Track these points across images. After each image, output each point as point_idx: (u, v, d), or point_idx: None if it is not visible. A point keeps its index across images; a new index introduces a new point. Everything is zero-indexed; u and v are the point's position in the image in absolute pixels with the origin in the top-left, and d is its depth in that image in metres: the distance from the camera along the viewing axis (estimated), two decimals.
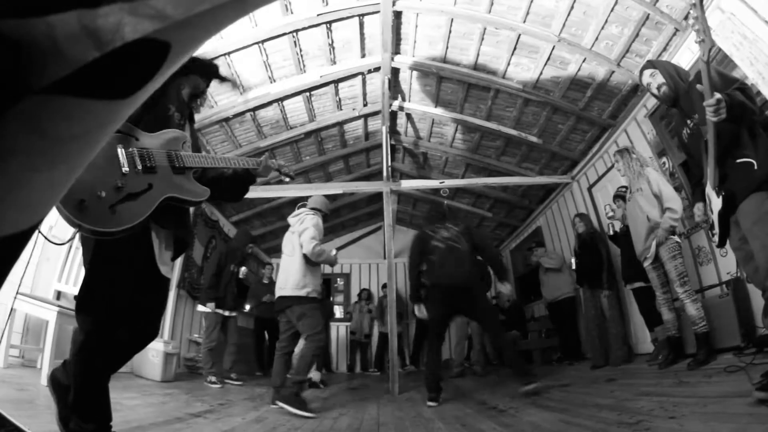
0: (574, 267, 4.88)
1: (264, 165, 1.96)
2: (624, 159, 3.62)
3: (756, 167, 1.83)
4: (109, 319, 1.49)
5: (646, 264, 3.47)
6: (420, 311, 3.73)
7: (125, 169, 1.44)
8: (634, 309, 4.60)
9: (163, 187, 1.53)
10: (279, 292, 3.35)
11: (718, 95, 1.79)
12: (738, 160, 1.89)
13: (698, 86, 1.92)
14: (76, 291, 3.33)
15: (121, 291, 1.51)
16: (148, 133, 1.58)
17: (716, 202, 1.98)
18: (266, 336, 7.22)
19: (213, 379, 4.39)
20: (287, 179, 2.23)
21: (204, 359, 4.57)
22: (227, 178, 1.92)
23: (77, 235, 1.52)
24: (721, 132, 1.90)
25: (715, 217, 2.02)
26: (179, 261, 5.71)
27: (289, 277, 3.32)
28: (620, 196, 4.12)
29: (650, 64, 2.34)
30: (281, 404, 2.84)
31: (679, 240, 3.31)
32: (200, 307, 4.81)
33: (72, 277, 3.78)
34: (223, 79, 2.10)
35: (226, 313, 4.90)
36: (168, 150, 1.60)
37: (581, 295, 5.04)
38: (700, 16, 1.81)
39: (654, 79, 2.28)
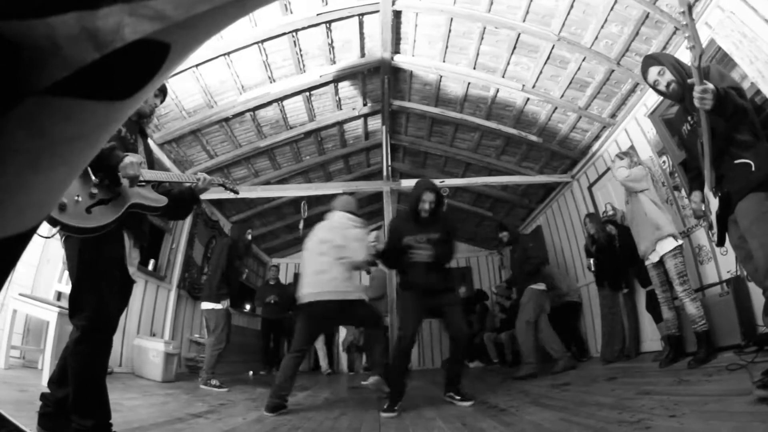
0: (593, 269, 4.83)
1: (207, 181, 2.14)
2: (629, 159, 3.67)
3: (754, 168, 1.84)
4: (102, 317, 1.69)
5: (647, 263, 3.49)
6: None
7: (95, 179, 1.68)
8: (642, 307, 4.60)
9: (128, 196, 1.80)
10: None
11: (708, 85, 1.79)
12: (736, 161, 1.90)
13: (689, 80, 1.91)
14: None
15: (108, 290, 1.72)
16: None
17: (714, 203, 1.99)
18: (271, 336, 7.26)
19: (216, 382, 4.14)
20: (232, 194, 2.49)
21: (210, 361, 4.29)
22: (173, 197, 2.06)
23: (63, 240, 1.74)
24: (717, 133, 1.90)
25: (713, 217, 2.03)
26: (179, 261, 5.72)
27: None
28: (611, 222, 4.55)
29: (655, 61, 2.28)
30: None
31: (679, 243, 3.32)
32: (207, 305, 4.50)
33: None
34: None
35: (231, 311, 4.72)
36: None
37: (599, 294, 5.04)
38: (689, 24, 1.81)
39: (663, 77, 2.22)
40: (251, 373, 6.52)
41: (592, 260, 4.86)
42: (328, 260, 3.15)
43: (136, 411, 2.59)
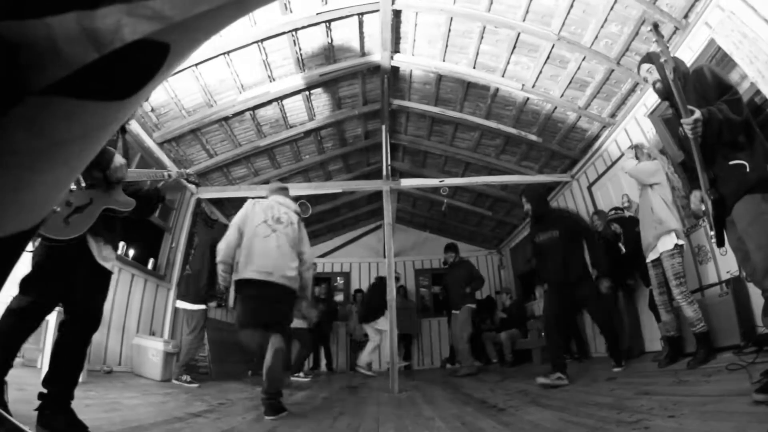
0: None
1: (173, 178, 2.23)
2: (641, 153, 3.70)
3: (748, 169, 1.83)
4: (42, 300, 1.81)
5: (647, 261, 3.50)
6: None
7: (72, 186, 1.71)
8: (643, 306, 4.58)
9: (101, 201, 1.87)
10: None
11: (696, 115, 1.82)
12: (730, 162, 1.89)
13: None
14: None
15: (54, 280, 1.81)
16: None
17: (710, 205, 1.99)
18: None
19: (188, 377, 4.22)
20: (192, 186, 2.42)
21: (186, 358, 4.38)
22: (140, 196, 2.13)
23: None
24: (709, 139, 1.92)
25: (711, 219, 2.03)
26: (178, 260, 5.70)
27: None
28: (618, 220, 4.52)
29: (648, 59, 2.34)
30: None
31: (681, 242, 3.31)
32: (187, 305, 4.61)
33: None
34: None
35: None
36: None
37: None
38: (659, 41, 1.89)
39: (651, 75, 2.29)
40: (250, 372, 6.51)
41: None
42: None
43: (135, 410, 2.60)
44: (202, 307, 4.60)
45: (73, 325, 1.89)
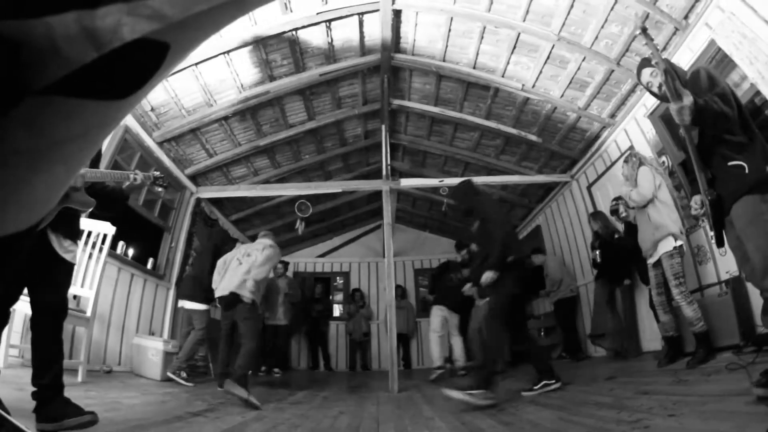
0: (599, 260, 4.86)
1: (140, 180, 2.26)
2: (631, 164, 3.67)
3: (747, 171, 1.84)
4: (8, 290, 1.87)
5: (648, 262, 3.51)
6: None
7: None
8: (643, 306, 4.58)
9: (60, 201, 1.86)
10: None
11: (684, 102, 1.82)
12: (729, 163, 1.90)
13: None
14: (77, 291, 3.37)
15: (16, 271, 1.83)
16: None
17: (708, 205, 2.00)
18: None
19: (185, 374, 4.29)
20: (160, 189, 2.55)
21: (188, 354, 4.45)
22: (104, 195, 2.19)
23: None
24: (707, 136, 1.92)
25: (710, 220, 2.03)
26: (177, 260, 5.70)
27: None
28: (615, 211, 4.44)
29: (649, 63, 2.34)
30: None
31: (678, 243, 3.30)
32: (192, 305, 4.70)
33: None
34: None
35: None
36: None
37: (595, 284, 5.06)
38: (648, 44, 1.94)
39: (654, 79, 2.27)
40: (249, 372, 6.52)
41: (597, 252, 4.85)
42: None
43: (134, 409, 2.60)
44: (207, 307, 4.67)
45: (40, 316, 1.96)
